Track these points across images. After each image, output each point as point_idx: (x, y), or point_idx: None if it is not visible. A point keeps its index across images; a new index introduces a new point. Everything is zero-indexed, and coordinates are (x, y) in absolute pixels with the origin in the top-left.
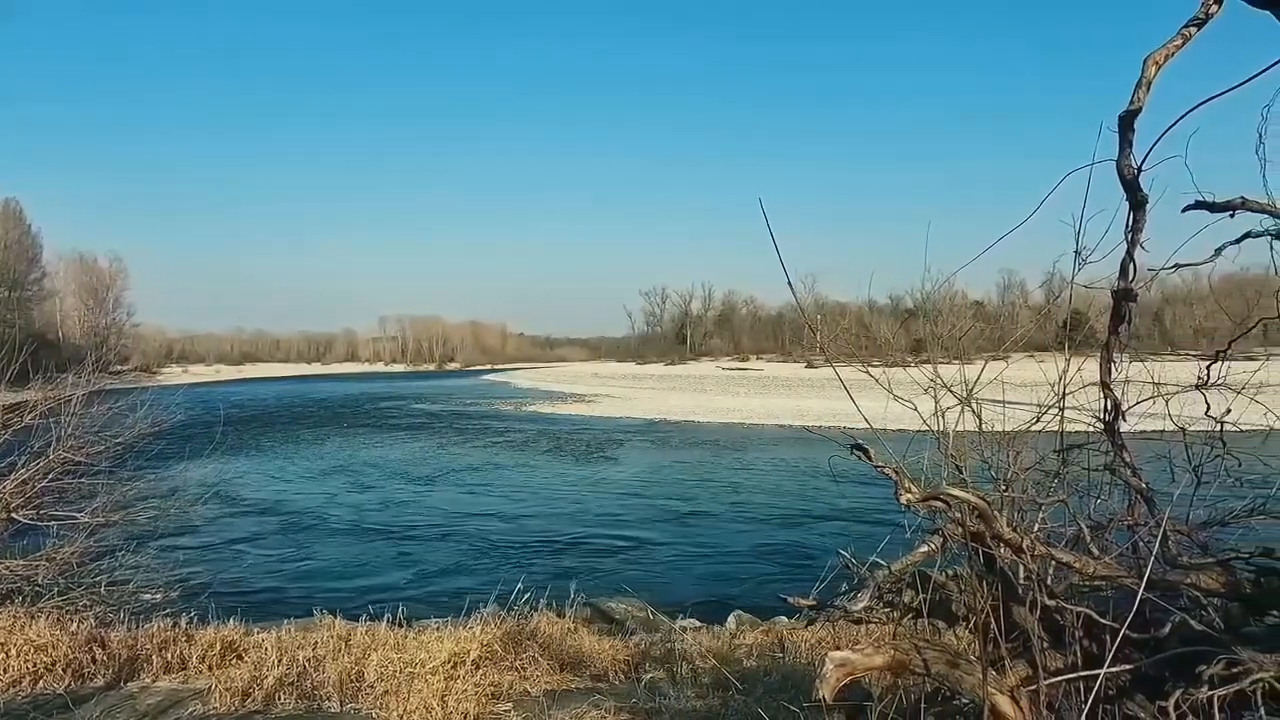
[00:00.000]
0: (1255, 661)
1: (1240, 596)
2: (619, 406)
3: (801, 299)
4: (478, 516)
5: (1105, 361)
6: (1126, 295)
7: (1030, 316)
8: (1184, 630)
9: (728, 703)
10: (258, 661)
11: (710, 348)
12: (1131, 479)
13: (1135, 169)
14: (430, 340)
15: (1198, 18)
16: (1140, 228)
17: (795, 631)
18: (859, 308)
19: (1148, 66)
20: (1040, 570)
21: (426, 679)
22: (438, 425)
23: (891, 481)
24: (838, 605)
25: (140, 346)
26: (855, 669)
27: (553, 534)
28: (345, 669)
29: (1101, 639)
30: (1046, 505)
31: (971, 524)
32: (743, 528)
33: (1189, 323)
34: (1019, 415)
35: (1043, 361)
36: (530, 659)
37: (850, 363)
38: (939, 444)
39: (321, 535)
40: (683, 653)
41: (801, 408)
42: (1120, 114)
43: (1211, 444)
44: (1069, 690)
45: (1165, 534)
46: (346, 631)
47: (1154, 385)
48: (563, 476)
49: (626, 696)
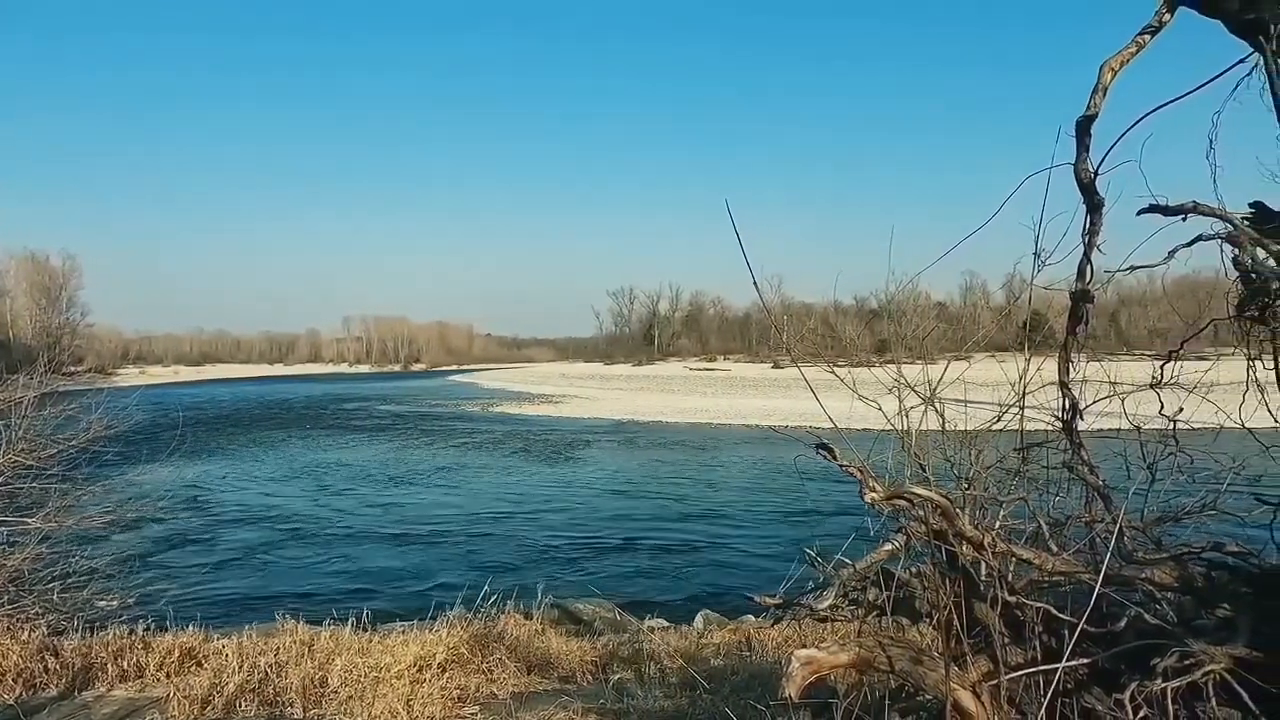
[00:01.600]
0: (1206, 653)
1: (1192, 590)
2: (586, 407)
3: (768, 299)
4: (443, 518)
5: (1064, 361)
6: (1084, 296)
7: (992, 317)
8: (1139, 624)
9: (695, 702)
10: (218, 668)
11: (678, 348)
12: (1089, 476)
13: (1092, 173)
14: (395, 341)
15: (1151, 25)
16: (1097, 230)
17: (762, 630)
18: (825, 308)
19: (1104, 73)
20: (1001, 567)
21: (391, 683)
22: (403, 427)
23: (856, 480)
24: (804, 604)
25: (95, 347)
26: (821, 667)
27: (519, 535)
28: (308, 674)
29: (1060, 634)
30: (1007, 503)
31: (934, 522)
32: (710, 527)
33: (1144, 323)
34: (980, 414)
35: (1004, 362)
36: (497, 661)
37: (816, 363)
38: (903, 443)
39: (284, 539)
40: (650, 653)
41: (768, 407)
42: (1078, 119)
43: (1165, 442)
44: (1029, 684)
45: (1121, 530)
46: (310, 636)
47: (1110, 385)
48: (530, 478)
49: (594, 697)
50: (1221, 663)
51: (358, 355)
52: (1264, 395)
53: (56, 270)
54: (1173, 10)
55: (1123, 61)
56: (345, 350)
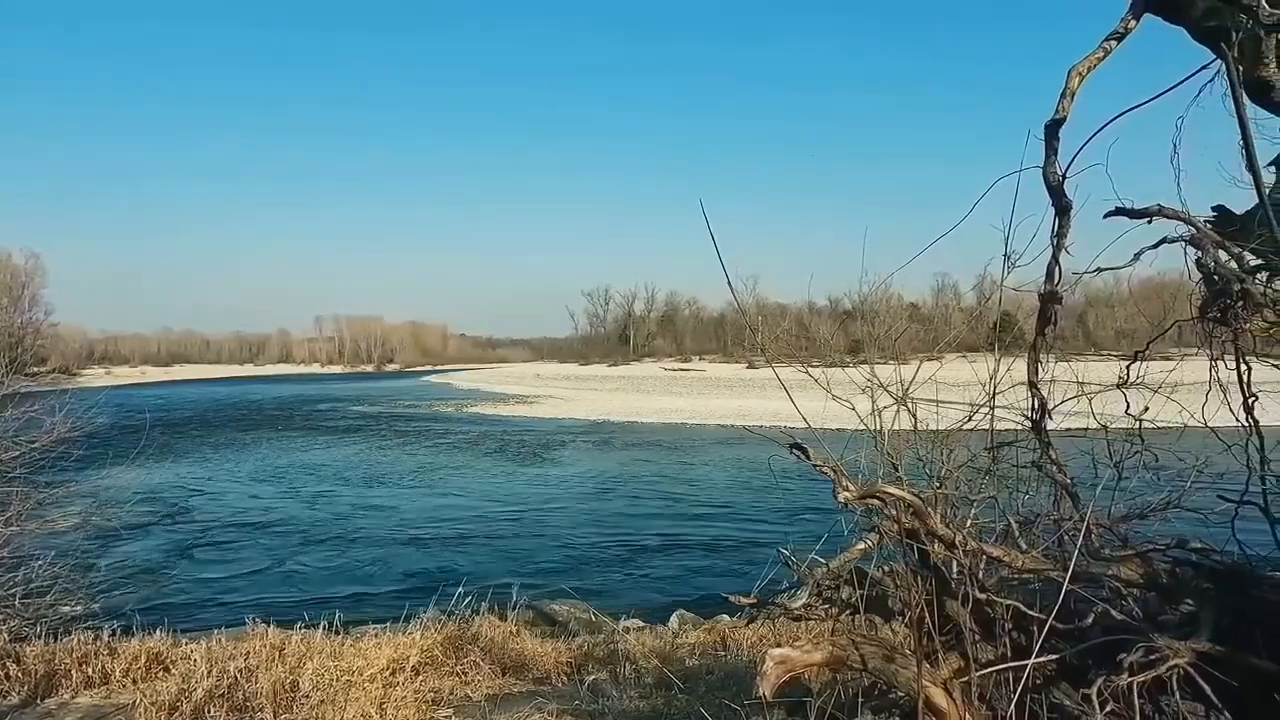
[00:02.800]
0: (1171, 648)
1: (1157, 586)
2: (562, 407)
3: (742, 300)
4: (418, 520)
5: (1033, 362)
6: (1052, 298)
7: (963, 318)
8: (1106, 620)
9: (670, 702)
10: (186, 673)
11: (653, 348)
12: (1057, 475)
13: (1060, 176)
14: (368, 341)
15: (1117, 32)
16: (1065, 233)
17: (737, 630)
18: (799, 309)
19: (1071, 77)
20: (972, 565)
21: (364, 687)
22: (376, 428)
23: (830, 480)
24: (778, 603)
25: (59, 347)
26: (795, 665)
27: (494, 537)
28: (279, 679)
29: (1029, 630)
30: (978, 501)
31: (907, 521)
32: (686, 527)
33: (1110, 324)
34: (952, 414)
35: (974, 362)
36: (472, 664)
37: (790, 363)
38: (876, 443)
39: (254, 541)
40: (626, 653)
41: (743, 408)
42: (1046, 122)
43: (1131, 441)
44: (999, 680)
45: (1088, 528)
46: (280, 640)
47: (1078, 385)
48: (504, 478)
49: (569, 698)
50: (1185, 657)
51: (330, 355)
52: (1226, 395)
53: (18, 268)
54: (1138, 17)
55: (1090, 66)
56: (317, 350)
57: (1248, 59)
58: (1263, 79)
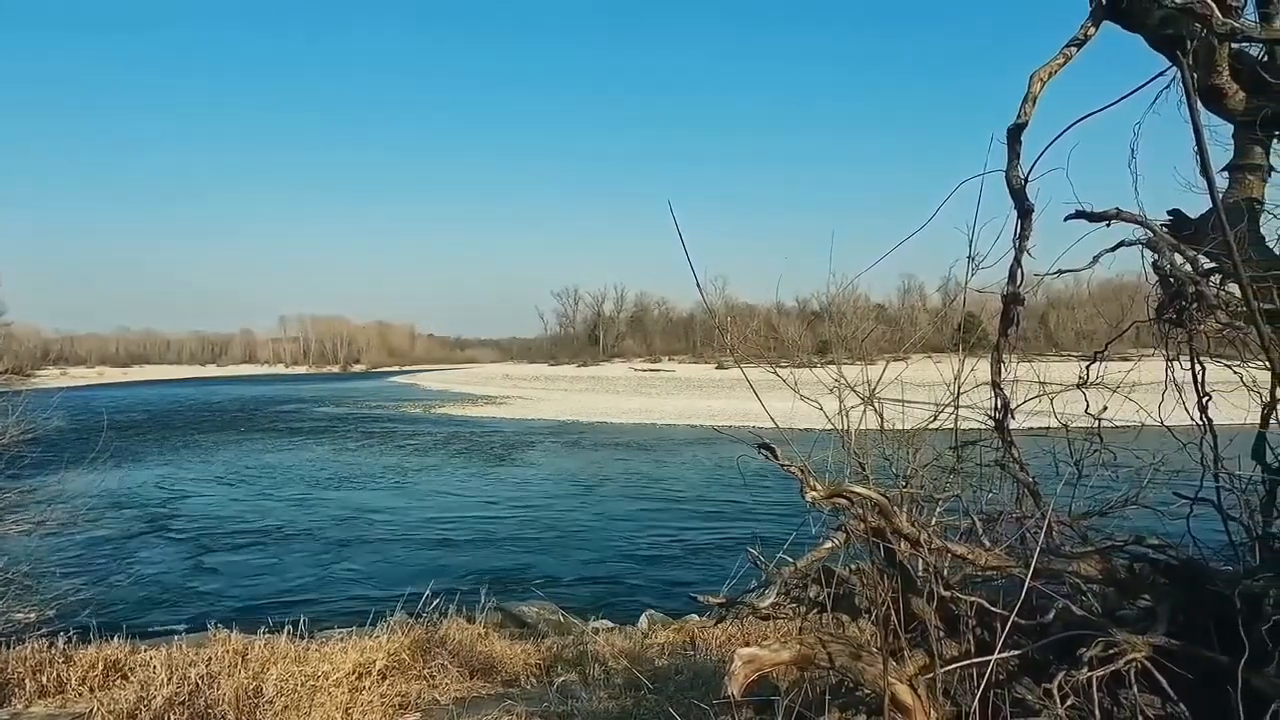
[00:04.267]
0: (1129, 643)
1: (1116, 582)
2: (531, 408)
3: (711, 301)
4: (384, 522)
5: (996, 362)
6: (1015, 299)
7: (928, 319)
8: (1066, 616)
9: (639, 702)
10: (145, 681)
11: (623, 349)
12: (1019, 473)
13: (1022, 179)
14: (334, 341)
15: (1078, 38)
16: (1027, 235)
17: (706, 629)
18: (768, 309)
19: (1033, 83)
20: (937, 562)
21: (330, 691)
22: (342, 429)
23: (797, 479)
24: (746, 602)
25: (12, 347)
26: (763, 664)
27: (463, 538)
28: (242, 685)
29: (993, 626)
30: (942, 500)
31: (873, 519)
32: (655, 528)
33: (1071, 325)
34: (918, 414)
35: (940, 362)
36: (439, 667)
37: (759, 364)
38: (843, 442)
39: (216, 545)
40: (595, 654)
41: (712, 408)
42: (1009, 127)
43: (1091, 439)
44: (963, 676)
45: (1050, 525)
46: (243, 645)
47: (1040, 385)
48: (473, 480)
49: (538, 700)
50: (1143, 651)
51: (294, 356)
52: (1181, 394)
53: None
54: (1098, 24)
55: (1051, 72)
56: (282, 351)
57: (1202, 67)
58: (1216, 86)
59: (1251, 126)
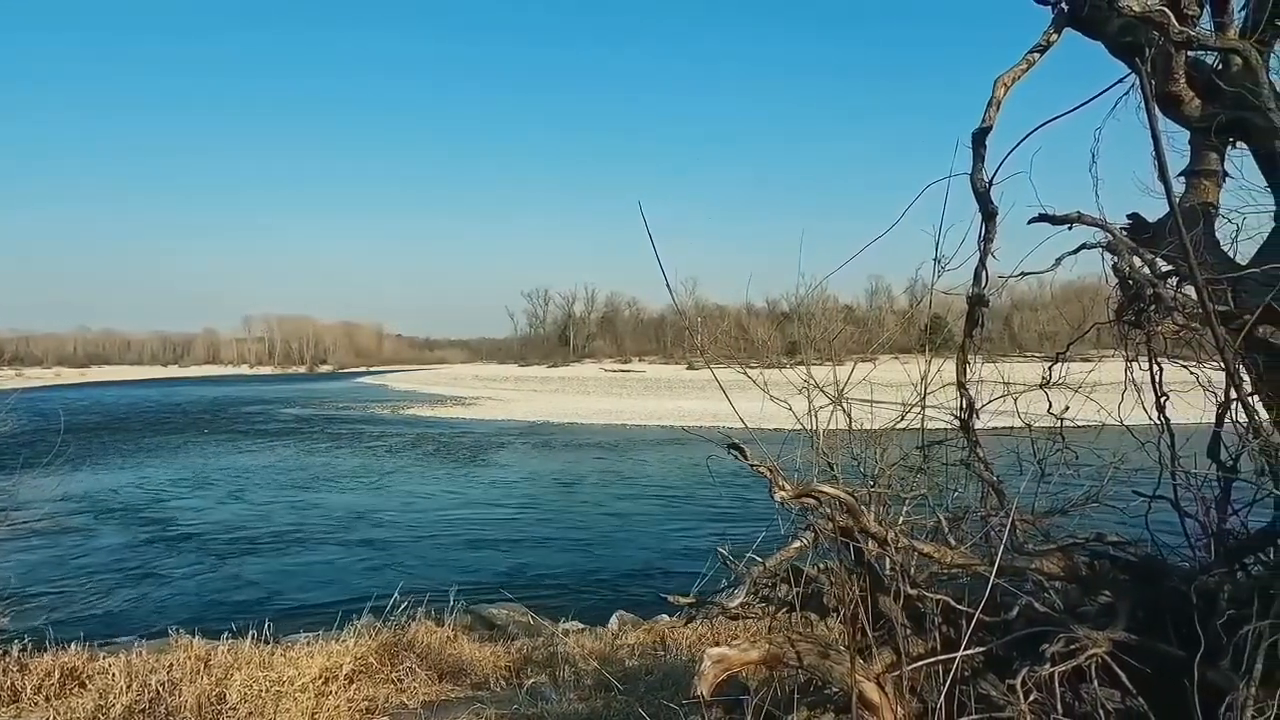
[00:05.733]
0: (1090, 638)
1: (1077, 579)
2: (501, 409)
3: (682, 302)
4: (352, 524)
5: (961, 363)
6: (980, 301)
7: (896, 320)
8: (1030, 612)
9: (609, 703)
10: (103, 688)
11: (593, 349)
12: (984, 473)
13: (986, 183)
14: (300, 341)
15: (1040, 44)
16: (991, 238)
17: (676, 630)
18: (738, 310)
19: (997, 87)
20: (904, 561)
21: (295, 697)
22: (309, 430)
23: (766, 479)
24: (716, 602)
25: None
26: (732, 664)
27: (431, 541)
28: (204, 691)
29: (958, 624)
30: (909, 499)
31: (841, 519)
32: (626, 528)
33: (1034, 327)
34: (885, 414)
35: (907, 363)
36: (408, 670)
37: (729, 364)
38: (812, 442)
39: (178, 549)
40: (565, 655)
41: (682, 408)
42: (973, 131)
43: (1053, 439)
44: (930, 673)
45: (1014, 523)
46: (206, 651)
47: (1004, 385)
48: (442, 481)
49: (508, 703)
50: (1103, 646)
51: (259, 356)
52: (1140, 394)
53: None
54: (1060, 31)
55: (1014, 77)
56: (246, 351)
57: (1160, 74)
58: (1173, 93)
59: (1207, 133)
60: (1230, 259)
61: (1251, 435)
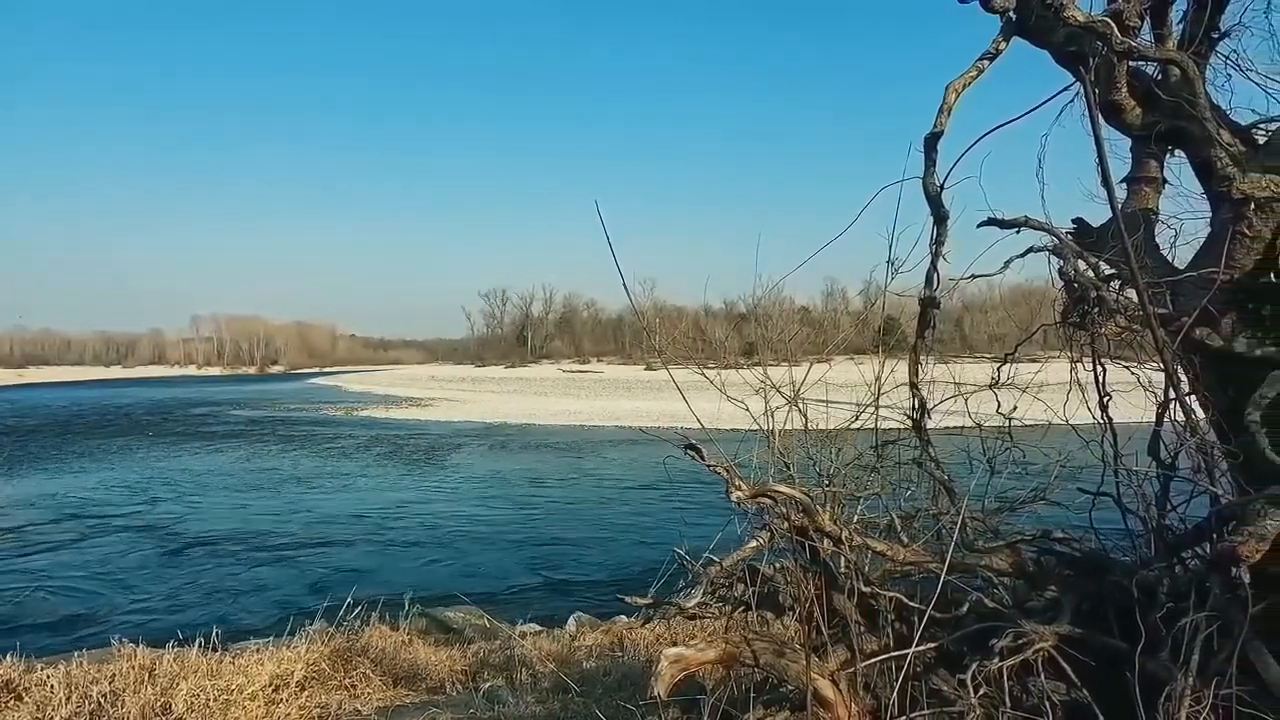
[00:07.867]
0: (1036, 633)
1: (1025, 575)
2: (457, 410)
3: (640, 302)
4: (304, 529)
5: (913, 364)
6: (931, 303)
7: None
8: (979, 608)
9: (567, 705)
10: (41, 701)
11: (551, 350)
12: (936, 471)
13: (938, 186)
14: (250, 342)
15: (989, 52)
16: (943, 241)
17: (634, 630)
18: (696, 311)
19: (948, 93)
20: (858, 559)
21: (244, 705)
22: (259, 432)
23: (723, 479)
24: (673, 602)
25: None
26: (689, 664)
27: (385, 544)
28: (149, 702)
29: (911, 620)
30: (864, 498)
31: (797, 518)
32: (583, 529)
33: (984, 328)
34: (840, 414)
35: (861, 364)
36: (361, 676)
37: (686, 365)
38: (768, 442)
39: (120, 556)
40: (522, 658)
41: (641, 409)
42: (925, 135)
43: (1002, 438)
44: (883, 670)
45: (964, 521)
46: (151, 660)
47: (955, 385)
48: (397, 483)
49: (464, 707)
50: (1049, 640)
51: (207, 357)
52: (1084, 394)
53: None
54: (1008, 39)
55: (965, 84)
56: (193, 352)
57: (1103, 83)
58: (1116, 102)
59: (1147, 140)
60: (1169, 263)
61: (1189, 434)
